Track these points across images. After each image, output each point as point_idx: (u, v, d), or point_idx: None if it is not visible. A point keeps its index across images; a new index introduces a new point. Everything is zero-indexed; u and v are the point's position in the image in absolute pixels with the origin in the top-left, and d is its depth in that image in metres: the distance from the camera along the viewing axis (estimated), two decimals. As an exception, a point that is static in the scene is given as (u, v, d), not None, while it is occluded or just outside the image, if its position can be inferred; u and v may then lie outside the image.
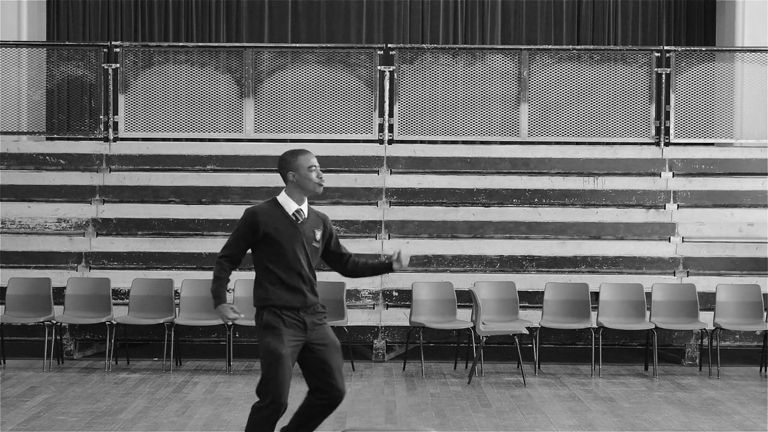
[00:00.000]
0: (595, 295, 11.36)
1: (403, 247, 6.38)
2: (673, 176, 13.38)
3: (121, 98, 13.81)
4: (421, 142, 14.06)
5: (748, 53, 14.03)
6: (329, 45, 14.62)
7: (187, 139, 13.88)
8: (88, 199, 13.06)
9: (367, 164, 13.43)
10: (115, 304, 11.28)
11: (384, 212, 12.89)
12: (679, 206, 13.08)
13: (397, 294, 11.92)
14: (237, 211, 11.56)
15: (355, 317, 11.47)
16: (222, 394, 9.45)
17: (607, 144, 13.79)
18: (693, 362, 11.40)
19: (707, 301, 11.49)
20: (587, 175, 13.35)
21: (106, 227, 12.77)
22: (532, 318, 11.23)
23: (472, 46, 15.20)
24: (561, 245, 12.58)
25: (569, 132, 13.87)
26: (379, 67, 13.75)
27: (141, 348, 11.87)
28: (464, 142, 13.94)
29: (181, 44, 14.72)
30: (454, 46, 15.59)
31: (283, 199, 6.10)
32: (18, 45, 14.36)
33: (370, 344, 11.59)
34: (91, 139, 13.85)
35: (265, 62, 13.85)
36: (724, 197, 13.16)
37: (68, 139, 13.97)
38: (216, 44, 15.17)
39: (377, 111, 13.73)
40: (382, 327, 11.57)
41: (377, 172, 13.36)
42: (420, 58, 13.96)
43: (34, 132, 14.28)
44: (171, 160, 13.42)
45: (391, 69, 13.74)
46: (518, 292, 11.37)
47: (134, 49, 14.04)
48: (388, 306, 11.90)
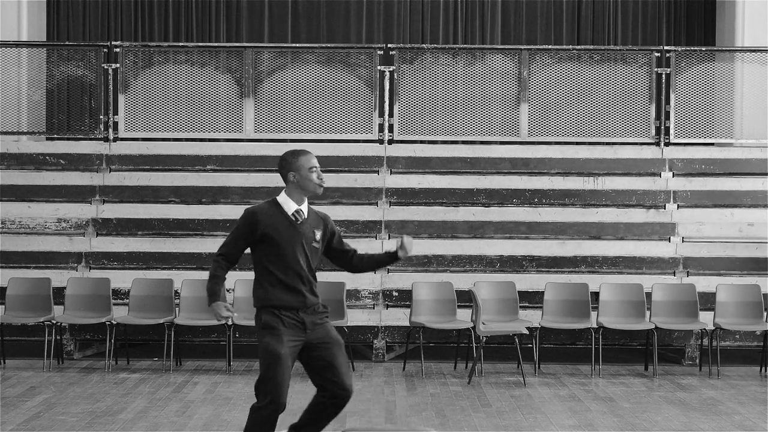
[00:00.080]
0: (595, 295, 11.35)
1: (405, 235, 6.36)
2: (673, 176, 13.38)
3: (121, 98, 13.81)
4: (421, 142, 14.06)
5: (748, 53, 14.02)
6: (329, 45, 14.62)
7: (187, 139, 13.88)
8: (88, 199, 13.07)
9: (367, 164, 13.43)
10: (115, 304, 11.28)
11: (384, 212, 12.89)
12: (679, 206, 13.08)
13: (397, 294, 11.92)
14: (237, 211, 11.54)
15: (355, 317, 11.46)
16: (222, 394, 9.45)
17: (607, 144, 13.79)
18: (693, 362, 11.40)
19: (707, 301, 11.49)
20: (587, 175, 13.35)
21: (106, 227, 12.77)
22: (532, 318, 11.23)
23: (472, 46, 15.20)
24: (561, 245, 12.58)
25: (569, 132, 13.86)
26: (379, 67, 13.74)
27: (141, 348, 11.87)
28: (464, 142, 13.94)
29: (181, 44, 14.72)
30: (454, 46, 15.59)
31: (282, 199, 6.10)
32: (18, 45, 14.36)
33: (370, 344, 11.59)
34: (91, 139, 13.85)
35: (265, 62, 13.85)
36: (724, 197, 13.16)
37: (68, 139, 13.98)
38: (216, 44, 15.17)
39: (377, 111, 13.72)
40: (382, 327, 11.57)
41: (377, 172, 13.36)
42: (420, 58, 13.96)
43: (34, 132, 14.28)
44: (171, 160, 13.43)
45: (391, 69, 13.74)
46: (518, 292, 11.37)
47: (134, 49, 14.04)
48: (388, 306, 11.90)
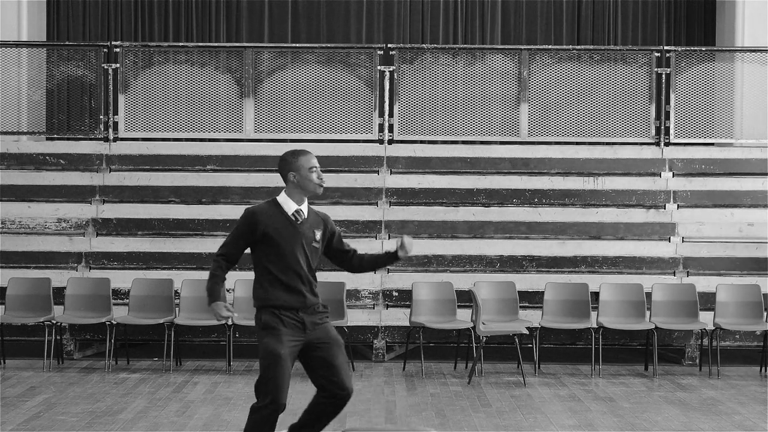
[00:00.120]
0: (595, 295, 11.35)
1: (405, 235, 6.35)
2: (673, 176, 13.38)
3: (121, 98, 13.81)
4: (421, 142, 14.06)
5: (748, 53, 14.02)
6: (329, 45, 14.62)
7: (187, 139, 13.88)
8: (88, 199, 13.07)
9: (367, 164, 13.43)
10: (115, 304, 11.28)
11: (384, 212, 12.89)
12: (679, 206, 13.08)
13: (397, 294, 11.92)
14: (237, 211, 11.54)
15: (355, 317, 11.46)
16: (222, 394, 9.45)
17: (607, 144, 13.79)
18: (693, 362, 11.40)
19: (707, 301, 11.48)
20: (587, 175, 13.35)
21: (106, 227, 12.77)
22: (532, 318, 11.23)
23: (472, 46, 15.20)
24: (561, 245, 12.58)
25: (569, 132, 13.86)
26: (379, 67, 13.74)
27: (141, 348, 11.87)
28: (464, 142, 13.94)
29: (181, 44, 14.72)
30: (454, 46, 15.59)
31: (282, 199, 6.10)
32: (18, 45, 14.36)
33: (370, 344, 11.59)
34: (91, 139, 13.85)
35: (265, 62, 13.85)
36: (724, 197, 13.16)
37: (68, 139, 13.98)
38: (216, 44, 15.17)
39: (377, 111, 13.72)
40: (382, 327, 11.56)
41: (377, 172, 13.36)
42: (420, 58, 13.95)
43: (34, 132, 14.28)
44: (171, 160, 13.42)
45: (391, 69, 13.74)
46: (518, 292, 11.37)
47: (134, 49, 14.04)
48: (388, 306, 11.90)
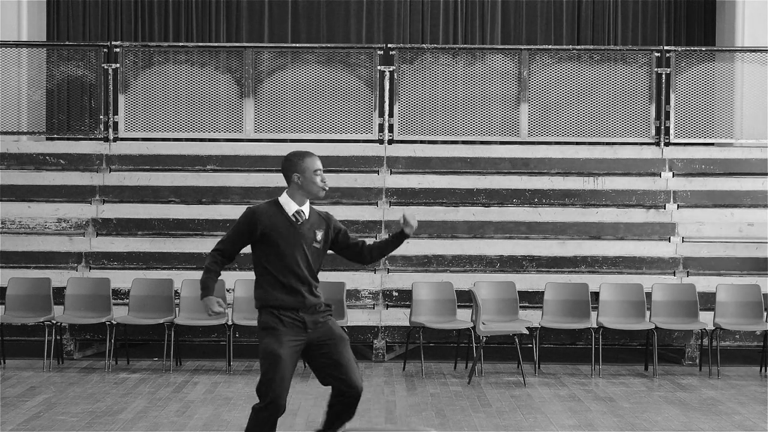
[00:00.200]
0: (595, 295, 11.35)
1: (406, 212, 6.29)
2: (673, 176, 13.38)
3: (121, 98, 13.81)
4: (421, 142, 14.06)
5: (748, 53, 14.02)
6: (329, 45, 14.62)
7: (187, 139, 13.88)
8: (88, 199, 13.06)
9: (367, 164, 13.43)
10: (115, 304, 11.28)
11: (384, 212, 12.89)
12: (679, 206, 13.08)
13: (397, 294, 11.92)
14: (237, 211, 11.55)
15: (355, 317, 11.46)
16: (222, 394, 9.45)
17: (607, 144, 13.79)
18: (693, 362, 11.40)
19: (707, 301, 11.48)
20: (587, 175, 13.35)
21: (106, 227, 12.77)
22: (532, 318, 11.23)
23: (472, 46, 15.20)
24: (561, 245, 12.58)
25: (569, 132, 13.86)
26: (379, 67, 13.74)
27: (141, 348, 11.87)
28: (464, 142, 13.94)
29: (181, 44, 14.72)
30: (454, 46, 15.59)
31: (284, 199, 6.09)
32: (18, 45, 14.36)
33: (370, 344, 11.59)
34: (91, 139, 13.85)
35: (265, 62, 13.85)
36: (724, 197, 13.16)
37: (68, 139, 13.98)
38: (216, 44, 15.17)
39: (377, 111, 13.72)
40: (382, 327, 11.56)
41: (377, 172, 13.36)
42: (420, 58, 13.95)
43: (34, 132, 14.28)
44: (171, 160, 13.42)
45: (391, 69, 13.74)
46: (518, 292, 11.37)
47: (134, 49, 14.04)
48: (388, 306, 11.90)
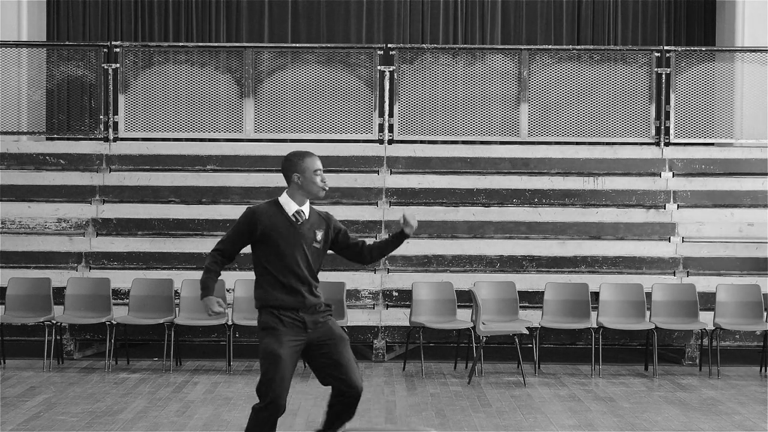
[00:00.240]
0: (595, 295, 11.35)
1: (406, 212, 6.28)
2: (673, 176, 13.38)
3: (121, 98, 13.81)
4: (421, 142, 14.06)
5: (748, 53, 14.03)
6: (329, 45, 14.62)
7: (187, 139, 13.88)
8: (88, 199, 13.07)
9: (367, 164, 13.43)
10: (115, 304, 11.28)
11: (384, 212, 12.89)
12: (679, 206, 13.08)
13: (397, 294, 11.92)
14: (237, 211, 11.55)
15: (355, 317, 11.46)
16: (222, 394, 9.45)
17: (607, 144, 13.79)
18: (693, 362, 11.40)
19: (707, 301, 11.48)
20: (587, 175, 13.35)
21: (106, 227, 12.77)
22: (532, 318, 11.23)
23: (472, 46, 15.20)
24: (561, 245, 12.58)
25: (569, 132, 13.86)
26: (379, 67, 13.74)
27: (141, 348, 11.87)
28: (464, 142, 13.94)
29: (181, 44, 14.72)
30: (454, 46, 15.59)
31: (284, 200, 6.09)
32: (18, 45, 14.36)
33: (370, 344, 11.59)
34: (91, 139, 13.85)
35: (265, 62, 13.85)
36: (724, 197, 13.16)
37: (68, 139, 13.98)
38: (216, 44, 15.17)
39: (377, 111, 13.72)
40: (382, 327, 11.57)
41: (377, 172, 13.36)
42: (420, 58, 13.96)
43: (34, 132, 14.28)
44: (171, 160, 13.43)
45: (391, 69, 13.74)
46: (518, 292, 11.37)
47: (134, 49, 14.04)
48: (388, 306, 11.90)
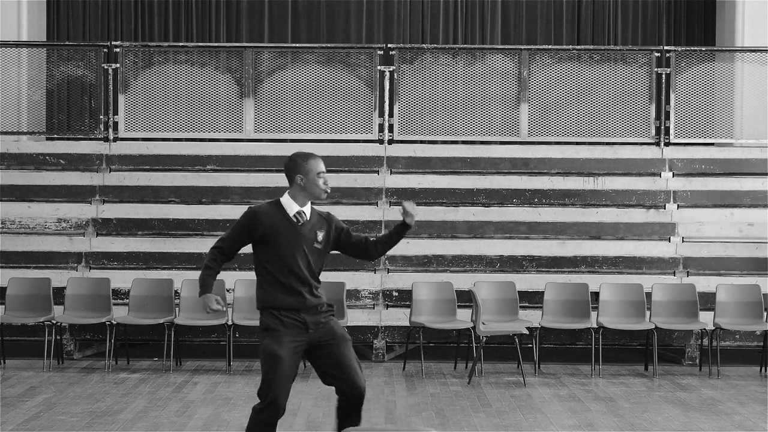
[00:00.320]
0: (595, 295, 11.35)
1: (405, 202, 6.26)
2: (673, 176, 13.38)
3: (121, 98, 13.81)
4: (421, 142, 14.06)
5: (748, 53, 14.03)
6: (329, 45, 14.62)
7: (187, 139, 13.88)
8: (88, 199, 13.06)
9: (367, 164, 13.43)
10: (115, 304, 11.28)
11: (384, 212, 12.89)
12: (679, 206, 13.08)
13: (397, 294, 11.92)
14: (237, 211, 11.54)
15: (355, 317, 11.46)
16: (222, 394, 9.45)
17: (607, 144, 13.79)
18: (693, 362, 11.40)
19: (707, 301, 11.48)
20: (587, 175, 13.35)
21: (106, 227, 12.77)
22: (532, 318, 11.23)
23: (472, 46, 15.20)
24: (561, 245, 12.58)
25: (569, 132, 13.86)
26: (379, 67, 13.74)
27: (141, 348, 11.87)
28: (464, 142, 13.94)
29: (181, 44, 14.72)
30: (454, 46, 15.59)
31: (285, 200, 6.08)
32: (18, 45, 14.36)
33: (370, 344, 11.59)
34: (91, 139, 13.85)
35: (265, 62, 13.85)
36: (724, 197, 13.16)
37: (68, 139, 13.98)
38: (216, 44, 15.17)
39: (377, 111, 13.72)
40: (382, 327, 11.57)
41: (377, 172, 13.36)
42: (420, 58, 13.95)
43: (34, 132, 14.28)
44: (171, 160, 13.42)
45: (391, 69, 13.74)
46: (518, 292, 11.37)
47: (134, 49, 14.04)
48: (388, 306, 11.90)
